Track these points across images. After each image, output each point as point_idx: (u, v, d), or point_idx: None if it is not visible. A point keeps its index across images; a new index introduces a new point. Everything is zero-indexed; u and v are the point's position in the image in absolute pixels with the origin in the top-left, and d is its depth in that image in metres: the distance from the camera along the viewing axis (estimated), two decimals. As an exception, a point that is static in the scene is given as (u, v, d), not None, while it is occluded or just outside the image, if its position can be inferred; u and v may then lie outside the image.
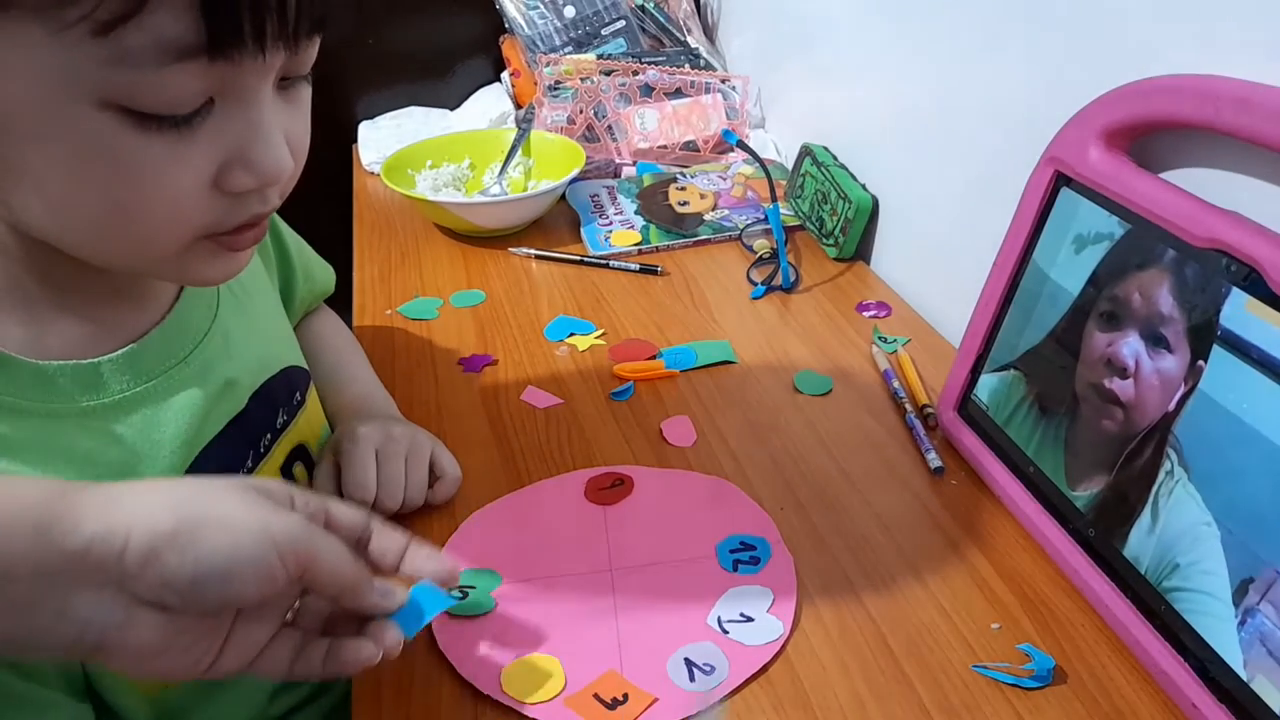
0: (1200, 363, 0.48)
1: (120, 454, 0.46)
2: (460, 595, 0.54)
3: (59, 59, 0.34)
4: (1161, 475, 0.50)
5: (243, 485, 0.40)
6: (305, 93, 0.44)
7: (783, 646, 0.52)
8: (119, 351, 0.47)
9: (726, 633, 0.52)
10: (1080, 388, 0.56)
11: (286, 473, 0.59)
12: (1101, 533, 0.54)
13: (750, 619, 0.53)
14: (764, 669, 0.50)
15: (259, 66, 0.38)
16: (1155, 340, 0.50)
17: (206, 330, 0.53)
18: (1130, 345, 0.52)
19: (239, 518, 0.37)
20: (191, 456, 0.50)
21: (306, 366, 0.63)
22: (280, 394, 0.58)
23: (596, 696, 0.49)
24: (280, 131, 0.42)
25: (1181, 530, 0.49)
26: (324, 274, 0.75)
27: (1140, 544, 0.51)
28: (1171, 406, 0.49)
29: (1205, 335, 0.47)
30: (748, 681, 0.50)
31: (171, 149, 0.38)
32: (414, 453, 0.61)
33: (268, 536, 0.37)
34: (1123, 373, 0.52)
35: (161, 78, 0.35)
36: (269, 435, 0.57)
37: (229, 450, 0.53)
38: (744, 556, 0.57)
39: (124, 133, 0.37)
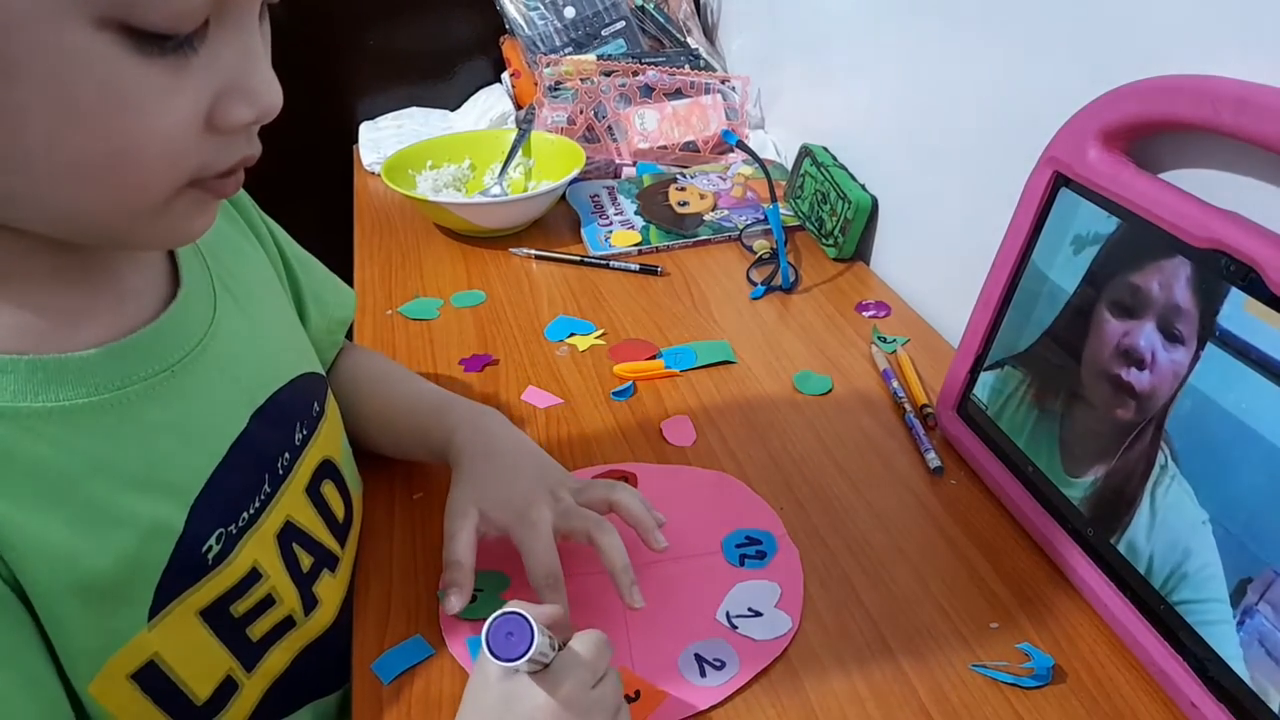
0: (1199, 350, 0.48)
1: (71, 464, 0.40)
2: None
3: None
4: (1156, 470, 0.50)
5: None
6: (267, 27, 0.41)
7: (791, 640, 0.52)
8: (90, 350, 0.41)
9: (735, 628, 0.53)
10: (1088, 379, 0.55)
11: (314, 493, 0.53)
12: (1100, 530, 0.54)
13: (759, 614, 0.54)
14: (772, 664, 0.51)
15: None
16: (1168, 333, 0.50)
17: (201, 337, 0.46)
18: (1147, 337, 0.51)
19: None
20: (195, 490, 0.44)
21: (323, 372, 0.58)
22: (295, 406, 0.52)
23: None
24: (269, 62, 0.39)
25: (1181, 531, 0.49)
26: (336, 297, 0.66)
27: (1141, 542, 0.51)
28: (1170, 397, 0.49)
29: (1207, 325, 0.48)
30: (758, 676, 0.50)
31: (170, 77, 0.35)
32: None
33: None
34: (1139, 364, 0.52)
35: None
36: (287, 454, 0.51)
37: (238, 478, 0.46)
38: (750, 551, 0.58)
39: (122, 58, 0.34)
